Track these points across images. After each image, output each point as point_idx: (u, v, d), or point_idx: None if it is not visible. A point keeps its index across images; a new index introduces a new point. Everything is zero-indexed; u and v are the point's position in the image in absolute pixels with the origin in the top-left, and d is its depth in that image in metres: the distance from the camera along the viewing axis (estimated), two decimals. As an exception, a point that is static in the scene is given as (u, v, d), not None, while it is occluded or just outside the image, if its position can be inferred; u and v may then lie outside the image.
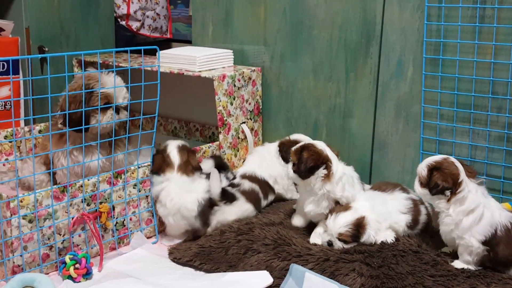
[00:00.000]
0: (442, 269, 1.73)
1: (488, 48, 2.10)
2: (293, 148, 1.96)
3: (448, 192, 1.73)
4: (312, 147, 1.93)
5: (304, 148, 1.93)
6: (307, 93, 2.54)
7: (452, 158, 1.78)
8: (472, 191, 1.73)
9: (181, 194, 2.01)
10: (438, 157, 1.79)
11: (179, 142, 2.11)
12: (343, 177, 1.92)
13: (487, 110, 2.14)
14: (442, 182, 1.73)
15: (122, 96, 2.06)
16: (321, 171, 1.90)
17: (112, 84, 2.01)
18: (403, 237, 1.92)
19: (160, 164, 2.05)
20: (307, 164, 1.89)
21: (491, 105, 2.13)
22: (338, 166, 1.92)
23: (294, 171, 1.93)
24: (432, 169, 1.76)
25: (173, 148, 2.08)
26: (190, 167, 2.07)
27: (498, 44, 2.07)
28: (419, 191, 1.80)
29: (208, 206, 2.03)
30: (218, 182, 2.03)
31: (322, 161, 1.90)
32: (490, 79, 2.11)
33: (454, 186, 1.72)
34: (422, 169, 1.78)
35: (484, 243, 1.71)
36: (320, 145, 1.95)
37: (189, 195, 2.01)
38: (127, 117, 2.07)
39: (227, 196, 2.06)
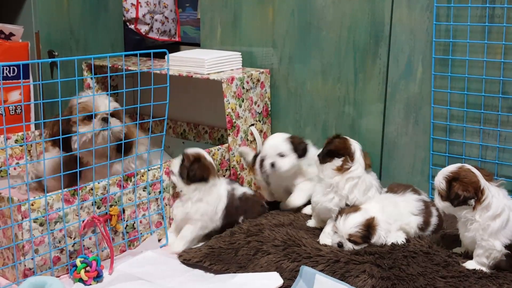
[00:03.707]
0: (454, 270, 1.72)
1: (498, 47, 2.09)
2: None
3: (472, 201, 1.68)
4: (344, 138, 1.97)
5: (338, 136, 1.98)
6: (316, 94, 2.54)
7: (467, 166, 1.73)
8: (495, 195, 1.69)
9: (215, 201, 2.08)
10: (453, 167, 1.73)
11: (200, 149, 2.13)
12: (357, 180, 1.91)
13: (497, 110, 2.12)
14: (463, 192, 1.67)
15: (104, 104, 2.05)
16: (337, 161, 1.92)
17: (103, 104, 2.02)
18: (413, 238, 1.91)
19: (207, 170, 2.05)
20: (329, 146, 1.94)
21: (501, 105, 2.12)
22: (358, 168, 1.92)
23: (318, 155, 1.98)
24: (451, 180, 1.70)
25: (206, 154, 2.10)
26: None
27: (508, 43, 2.06)
28: (441, 205, 1.74)
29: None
30: None
31: (344, 151, 1.92)
32: (500, 78, 2.10)
33: (476, 194, 1.68)
34: (440, 181, 1.72)
35: (507, 246, 1.69)
36: (353, 142, 1.97)
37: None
38: (116, 123, 2.07)
39: None
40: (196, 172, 2.03)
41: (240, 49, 2.70)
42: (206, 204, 2.04)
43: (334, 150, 1.93)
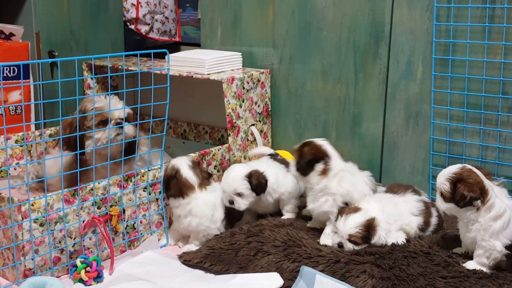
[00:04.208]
0: (454, 270, 1.72)
1: (498, 48, 2.09)
2: (295, 147, 1.98)
3: (477, 202, 1.66)
4: (312, 143, 1.95)
5: (305, 144, 1.95)
6: (316, 94, 2.54)
7: (468, 166, 1.72)
8: (498, 196, 1.69)
9: (207, 211, 2.02)
10: (455, 168, 1.71)
11: (185, 160, 2.04)
12: (340, 173, 1.92)
13: (497, 110, 2.13)
14: (469, 193, 1.65)
15: (117, 111, 2.06)
16: (319, 166, 1.91)
17: (107, 105, 2.01)
18: (414, 238, 1.91)
19: (179, 189, 1.98)
20: (305, 157, 1.91)
21: (501, 105, 2.12)
22: (337, 163, 1.92)
23: (297, 169, 1.94)
24: (455, 181, 1.68)
25: (185, 169, 2.00)
26: (206, 180, 2.05)
27: (508, 44, 2.06)
28: (445, 206, 1.72)
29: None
30: None
31: (320, 155, 1.91)
32: (500, 79, 2.10)
33: (481, 195, 1.66)
34: (443, 183, 1.70)
35: (507, 247, 1.68)
36: (321, 142, 1.96)
37: (213, 212, 2.04)
38: (130, 128, 2.08)
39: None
40: (171, 190, 1.99)
41: (240, 49, 2.70)
42: (196, 217, 2.00)
43: (312, 158, 1.91)
